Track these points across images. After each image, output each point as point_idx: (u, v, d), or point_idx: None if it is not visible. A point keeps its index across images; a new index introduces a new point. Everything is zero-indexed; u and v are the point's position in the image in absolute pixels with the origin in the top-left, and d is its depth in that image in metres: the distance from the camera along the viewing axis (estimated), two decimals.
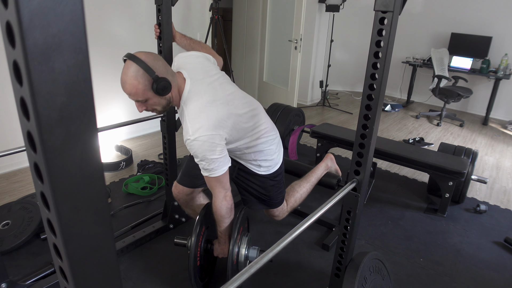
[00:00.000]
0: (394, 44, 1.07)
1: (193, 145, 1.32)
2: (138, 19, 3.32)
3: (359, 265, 1.30)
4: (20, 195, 2.42)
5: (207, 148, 1.33)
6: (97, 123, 0.38)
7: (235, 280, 0.73)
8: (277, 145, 1.68)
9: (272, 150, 1.64)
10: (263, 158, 1.62)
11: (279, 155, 1.70)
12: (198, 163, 1.38)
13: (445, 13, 5.07)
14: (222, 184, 1.43)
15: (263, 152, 1.60)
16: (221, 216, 1.49)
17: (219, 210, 1.48)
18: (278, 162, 1.69)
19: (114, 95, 3.36)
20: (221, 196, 1.45)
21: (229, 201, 1.49)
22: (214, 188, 1.44)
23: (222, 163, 1.38)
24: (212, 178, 1.40)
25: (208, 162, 1.35)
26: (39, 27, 0.31)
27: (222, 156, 1.37)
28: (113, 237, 0.45)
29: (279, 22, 4.43)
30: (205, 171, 1.39)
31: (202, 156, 1.34)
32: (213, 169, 1.37)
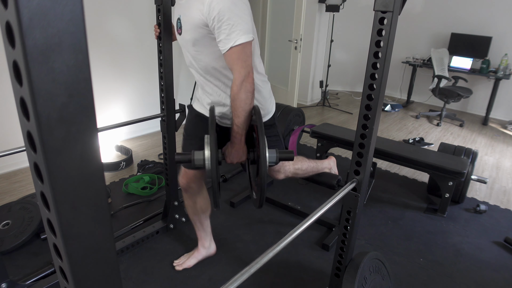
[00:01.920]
0: (394, 44, 1.07)
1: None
2: (138, 19, 3.32)
3: (359, 265, 1.30)
4: (20, 195, 2.42)
5: (236, 2, 1.19)
6: (97, 123, 0.38)
7: (235, 280, 0.73)
8: (270, 92, 1.56)
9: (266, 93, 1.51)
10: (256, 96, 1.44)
11: (271, 104, 1.57)
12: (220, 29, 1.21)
13: (445, 13, 5.07)
14: (244, 58, 1.24)
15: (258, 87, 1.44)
16: (240, 101, 1.25)
17: (239, 92, 1.24)
18: (271, 111, 1.57)
19: (114, 95, 3.36)
20: (243, 73, 1.24)
21: (251, 84, 1.26)
22: (235, 64, 1.24)
23: (247, 26, 1.22)
24: (236, 49, 1.21)
25: (235, 21, 1.18)
26: (39, 27, 0.31)
27: (249, 18, 1.23)
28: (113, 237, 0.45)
29: (279, 22, 4.43)
30: (229, 39, 1.21)
31: (231, 11, 1.17)
32: (240, 31, 1.19)
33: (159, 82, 1.83)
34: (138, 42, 3.38)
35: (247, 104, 1.27)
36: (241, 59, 1.23)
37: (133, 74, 3.46)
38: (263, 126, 1.22)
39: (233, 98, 1.27)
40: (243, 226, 2.22)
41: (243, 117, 1.29)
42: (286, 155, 1.32)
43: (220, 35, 1.22)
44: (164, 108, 1.87)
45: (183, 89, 3.98)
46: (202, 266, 1.85)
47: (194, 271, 1.82)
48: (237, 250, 2.00)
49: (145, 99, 3.62)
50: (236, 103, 1.27)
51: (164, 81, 1.80)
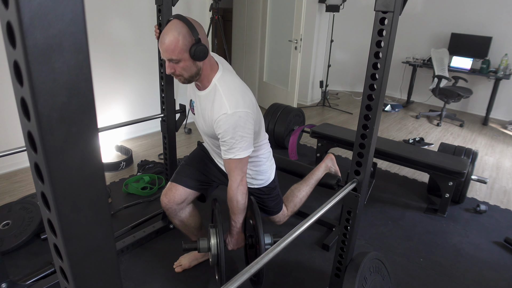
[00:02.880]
0: (394, 44, 1.07)
1: (228, 120, 1.31)
2: (138, 19, 3.32)
3: (359, 265, 1.30)
4: (21, 195, 2.42)
5: (241, 124, 1.33)
6: (98, 123, 0.38)
7: (235, 280, 0.73)
8: (271, 162, 1.73)
9: (266, 167, 1.68)
10: (256, 169, 1.64)
11: (272, 172, 1.73)
12: (224, 143, 1.37)
13: (445, 13, 5.07)
14: (241, 167, 1.41)
15: (258, 164, 1.63)
16: (237, 202, 1.45)
17: (235, 195, 1.43)
18: (271, 177, 1.72)
19: (115, 95, 3.36)
20: (238, 179, 1.42)
21: (245, 186, 1.46)
22: (233, 171, 1.41)
23: (249, 144, 1.38)
24: (234, 161, 1.38)
25: (237, 140, 1.34)
26: (39, 27, 0.31)
27: (250, 136, 1.38)
28: (113, 237, 0.45)
29: (279, 22, 4.43)
30: (229, 152, 1.37)
31: (234, 132, 1.32)
32: (240, 148, 1.36)
33: (160, 82, 1.83)
34: (138, 42, 3.38)
35: (242, 204, 1.47)
36: (238, 168, 1.41)
37: (134, 74, 3.46)
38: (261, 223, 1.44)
39: (230, 199, 1.46)
40: None
41: (239, 215, 1.49)
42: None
43: (223, 146, 1.40)
44: (164, 108, 1.87)
45: (183, 89, 3.98)
46: (202, 266, 1.85)
47: (194, 271, 1.82)
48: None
49: (145, 99, 3.63)
50: (233, 204, 1.46)
51: (164, 81, 1.80)
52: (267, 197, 1.71)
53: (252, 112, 1.38)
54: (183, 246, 1.56)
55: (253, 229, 1.54)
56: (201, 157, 1.75)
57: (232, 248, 1.58)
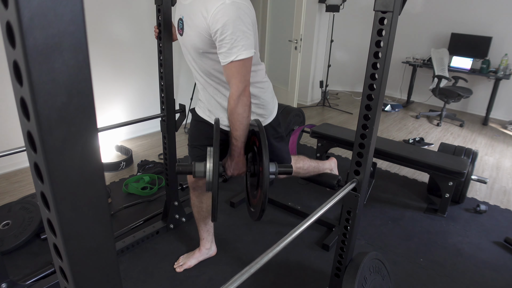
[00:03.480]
0: (394, 44, 1.07)
1: (227, 10, 1.17)
2: (138, 19, 3.32)
3: (359, 265, 1.30)
4: (20, 195, 2.42)
5: (242, 17, 1.19)
6: (97, 123, 0.38)
7: (235, 280, 0.73)
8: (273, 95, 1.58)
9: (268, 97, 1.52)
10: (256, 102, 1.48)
11: (274, 106, 1.58)
12: (223, 42, 1.21)
13: (445, 13, 5.07)
14: (243, 73, 1.25)
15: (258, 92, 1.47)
16: (238, 114, 1.28)
17: (236, 106, 1.27)
18: (273, 112, 1.58)
19: (114, 95, 3.36)
20: (240, 88, 1.26)
21: (248, 97, 1.29)
22: (235, 77, 1.25)
23: (251, 42, 1.23)
24: (236, 63, 1.23)
25: (238, 36, 1.19)
26: (39, 27, 0.31)
27: (251, 34, 1.24)
28: (113, 237, 0.45)
29: (279, 22, 4.43)
30: (230, 53, 1.22)
31: (234, 26, 1.17)
32: (242, 47, 1.21)
33: (159, 82, 1.83)
34: (138, 42, 3.38)
35: (245, 117, 1.29)
36: (241, 73, 1.25)
37: (133, 74, 3.46)
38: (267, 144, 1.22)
39: (231, 112, 1.29)
40: (243, 226, 2.22)
41: (241, 130, 1.31)
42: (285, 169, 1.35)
43: (221, 48, 1.22)
44: (164, 108, 1.87)
45: (183, 89, 3.98)
46: (202, 266, 1.85)
47: (194, 271, 1.82)
48: (237, 250, 2.00)
49: (145, 99, 3.63)
50: (233, 117, 1.29)
51: (164, 81, 1.80)
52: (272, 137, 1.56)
53: (250, 6, 1.25)
54: (177, 167, 1.33)
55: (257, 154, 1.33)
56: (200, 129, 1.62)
57: (231, 173, 1.39)
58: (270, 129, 1.55)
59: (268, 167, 1.20)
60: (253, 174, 1.39)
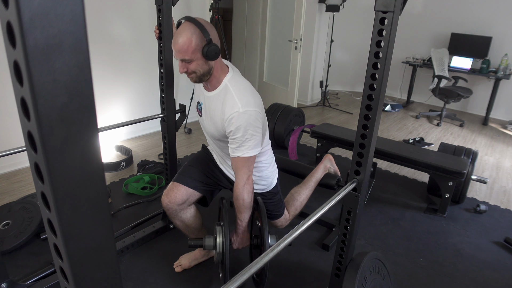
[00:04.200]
0: (394, 44, 1.07)
1: (239, 118, 1.34)
2: (138, 19, 3.32)
3: (359, 265, 1.30)
4: (20, 195, 2.42)
5: (252, 123, 1.36)
6: (98, 123, 0.38)
7: (235, 280, 0.73)
8: (274, 168, 1.75)
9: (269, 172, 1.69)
10: (259, 175, 1.66)
11: (274, 177, 1.75)
12: (234, 141, 1.40)
13: (445, 13, 5.07)
14: (249, 166, 1.44)
15: (261, 169, 1.64)
16: (243, 200, 1.47)
17: (241, 193, 1.46)
18: (273, 183, 1.74)
19: (115, 95, 3.36)
20: (245, 178, 1.45)
21: (251, 184, 1.48)
22: (240, 169, 1.44)
23: (257, 143, 1.42)
24: (243, 159, 1.41)
25: (247, 138, 1.37)
26: (39, 27, 0.31)
27: (259, 136, 1.42)
28: (113, 237, 0.45)
29: (279, 22, 4.43)
30: (238, 150, 1.40)
31: (245, 130, 1.36)
32: (249, 147, 1.39)
33: (159, 82, 1.83)
34: (138, 42, 3.38)
35: (248, 202, 1.49)
36: (245, 166, 1.44)
37: (134, 74, 3.46)
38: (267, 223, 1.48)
39: (236, 197, 1.48)
40: None
41: (245, 213, 1.51)
42: None
43: (232, 144, 1.42)
44: (164, 108, 1.87)
45: (183, 89, 3.98)
46: (202, 266, 1.85)
47: (194, 272, 1.82)
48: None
49: (145, 99, 3.62)
50: (239, 202, 1.48)
51: (164, 81, 1.80)
52: (270, 202, 1.73)
53: (261, 112, 1.43)
54: (189, 242, 1.58)
55: (259, 230, 1.56)
56: (205, 159, 1.76)
57: (237, 247, 1.58)
58: (268, 194, 1.73)
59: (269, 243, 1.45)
60: (256, 246, 1.61)
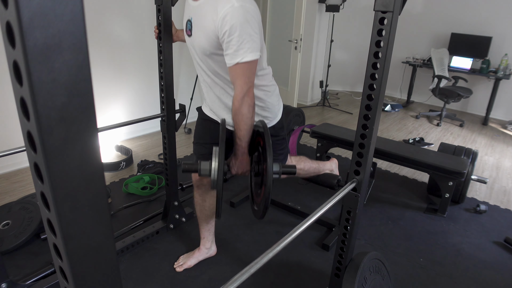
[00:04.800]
0: (394, 44, 1.07)
1: (235, 13, 1.19)
2: (138, 19, 3.32)
3: (359, 265, 1.30)
4: (20, 195, 2.42)
5: (249, 19, 1.21)
6: (97, 123, 0.38)
7: (235, 280, 0.73)
8: (278, 98, 1.59)
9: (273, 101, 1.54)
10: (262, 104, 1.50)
11: (279, 109, 1.60)
12: (230, 43, 1.24)
13: (445, 13, 5.07)
14: (248, 75, 1.29)
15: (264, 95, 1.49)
16: (242, 115, 1.31)
17: (240, 106, 1.30)
18: (278, 115, 1.60)
19: (114, 95, 3.36)
20: (245, 89, 1.29)
21: (252, 98, 1.32)
22: (239, 78, 1.28)
23: (257, 45, 1.26)
24: (242, 65, 1.26)
25: (245, 39, 1.22)
26: (39, 27, 0.31)
27: (258, 37, 1.26)
28: (113, 237, 0.45)
29: (279, 22, 4.43)
30: (236, 54, 1.24)
31: (241, 28, 1.20)
32: (248, 49, 1.23)
33: (159, 82, 1.83)
34: (138, 42, 3.38)
35: (249, 118, 1.32)
36: (245, 75, 1.28)
37: (133, 74, 3.46)
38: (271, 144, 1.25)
39: (235, 112, 1.32)
40: (243, 226, 2.22)
41: (245, 130, 1.34)
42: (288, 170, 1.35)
43: (228, 49, 1.25)
44: (164, 108, 1.87)
45: (183, 89, 3.98)
46: (202, 266, 1.86)
47: (194, 271, 1.82)
48: (237, 250, 2.00)
49: (145, 99, 3.62)
50: (238, 117, 1.32)
51: (164, 81, 1.80)
52: (274, 139, 1.58)
53: (257, 10, 1.28)
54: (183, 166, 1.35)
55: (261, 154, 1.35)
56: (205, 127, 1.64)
57: (235, 172, 1.43)
58: (272, 131, 1.58)
59: (272, 167, 1.22)
60: (257, 174, 1.41)
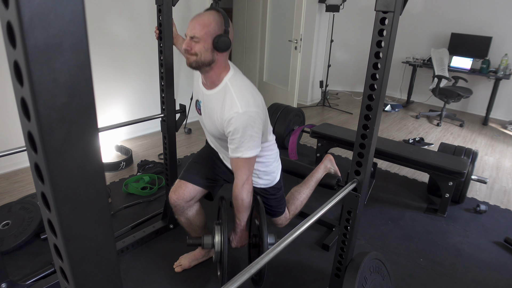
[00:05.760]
0: (395, 44, 1.07)
1: (239, 119, 1.33)
2: (138, 19, 3.32)
3: (359, 265, 1.30)
4: (20, 195, 2.42)
5: (252, 124, 1.35)
6: (98, 123, 0.38)
7: (235, 280, 0.73)
8: (278, 163, 1.74)
9: (273, 167, 1.69)
10: (264, 170, 1.65)
11: (278, 173, 1.74)
12: (233, 141, 1.39)
13: (445, 13, 5.07)
14: (248, 167, 1.44)
15: (265, 164, 1.64)
16: (242, 200, 1.47)
17: (240, 193, 1.46)
18: (277, 178, 1.73)
19: (115, 95, 3.36)
20: (244, 178, 1.44)
21: (251, 185, 1.48)
22: (239, 170, 1.44)
23: (257, 143, 1.41)
24: (242, 160, 1.41)
25: (246, 139, 1.36)
26: (39, 27, 0.31)
27: (259, 136, 1.41)
28: (113, 237, 0.45)
29: (279, 22, 4.43)
30: (237, 151, 1.39)
31: (244, 131, 1.35)
32: (248, 148, 1.38)
33: (160, 82, 1.83)
34: (138, 42, 3.38)
35: (247, 202, 1.48)
36: (245, 167, 1.43)
37: (134, 74, 3.46)
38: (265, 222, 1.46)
39: (235, 197, 1.48)
40: None
41: (244, 213, 1.51)
42: None
43: (231, 144, 1.41)
44: (164, 108, 1.87)
45: (183, 89, 3.98)
46: (202, 266, 1.85)
47: (194, 272, 1.82)
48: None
49: (145, 99, 3.62)
50: (238, 202, 1.48)
51: (164, 81, 1.80)
52: (272, 198, 1.72)
53: (261, 112, 1.41)
54: (188, 241, 1.57)
55: (258, 229, 1.56)
56: (209, 154, 1.76)
57: (235, 245, 1.58)
58: (271, 190, 1.72)
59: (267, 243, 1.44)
60: (254, 245, 1.61)
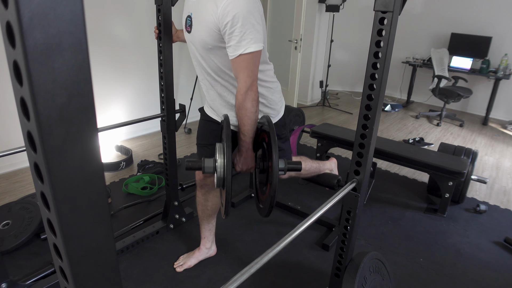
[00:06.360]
0: (394, 44, 1.07)
1: (237, 3, 1.16)
2: (138, 19, 3.32)
3: (359, 265, 1.30)
4: (20, 195, 2.42)
5: (251, 10, 1.18)
6: (97, 123, 0.38)
7: (235, 280, 0.73)
8: (281, 95, 1.57)
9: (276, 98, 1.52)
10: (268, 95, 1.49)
11: (282, 106, 1.58)
12: (232, 35, 1.20)
13: (445, 13, 5.07)
14: (251, 67, 1.24)
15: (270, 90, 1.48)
16: (246, 109, 1.26)
17: (244, 101, 1.25)
18: (281, 112, 1.58)
19: (114, 95, 3.36)
20: (248, 82, 1.25)
21: (256, 92, 1.27)
22: (243, 71, 1.24)
23: (260, 36, 1.23)
24: (245, 57, 1.21)
25: (248, 29, 1.18)
26: (39, 27, 0.31)
27: (261, 28, 1.23)
28: (113, 237, 0.45)
29: (279, 22, 4.43)
30: (239, 46, 1.21)
31: (244, 19, 1.17)
32: (251, 40, 1.20)
33: (159, 82, 1.83)
34: (138, 42, 3.38)
35: (253, 112, 1.28)
36: (249, 68, 1.23)
37: (133, 74, 3.46)
38: (276, 140, 1.20)
39: (239, 107, 1.28)
40: (243, 226, 2.22)
41: (249, 125, 1.29)
42: (294, 166, 1.33)
43: (230, 41, 1.21)
44: (164, 108, 1.87)
45: (183, 89, 3.98)
46: (202, 266, 1.86)
47: (194, 271, 1.82)
48: (237, 250, 2.00)
49: (145, 99, 3.62)
50: (241, 112, 1.28)
51: (164, 81, 1.80)
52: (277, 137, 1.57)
53: (259, 2, 1.25)
54: (186, 164, 1.30)
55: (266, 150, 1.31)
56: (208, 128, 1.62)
57: (240, 169, 1.39)
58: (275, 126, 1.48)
59: (277, 163, 1.18)
60: (262, 171, 1.37)
